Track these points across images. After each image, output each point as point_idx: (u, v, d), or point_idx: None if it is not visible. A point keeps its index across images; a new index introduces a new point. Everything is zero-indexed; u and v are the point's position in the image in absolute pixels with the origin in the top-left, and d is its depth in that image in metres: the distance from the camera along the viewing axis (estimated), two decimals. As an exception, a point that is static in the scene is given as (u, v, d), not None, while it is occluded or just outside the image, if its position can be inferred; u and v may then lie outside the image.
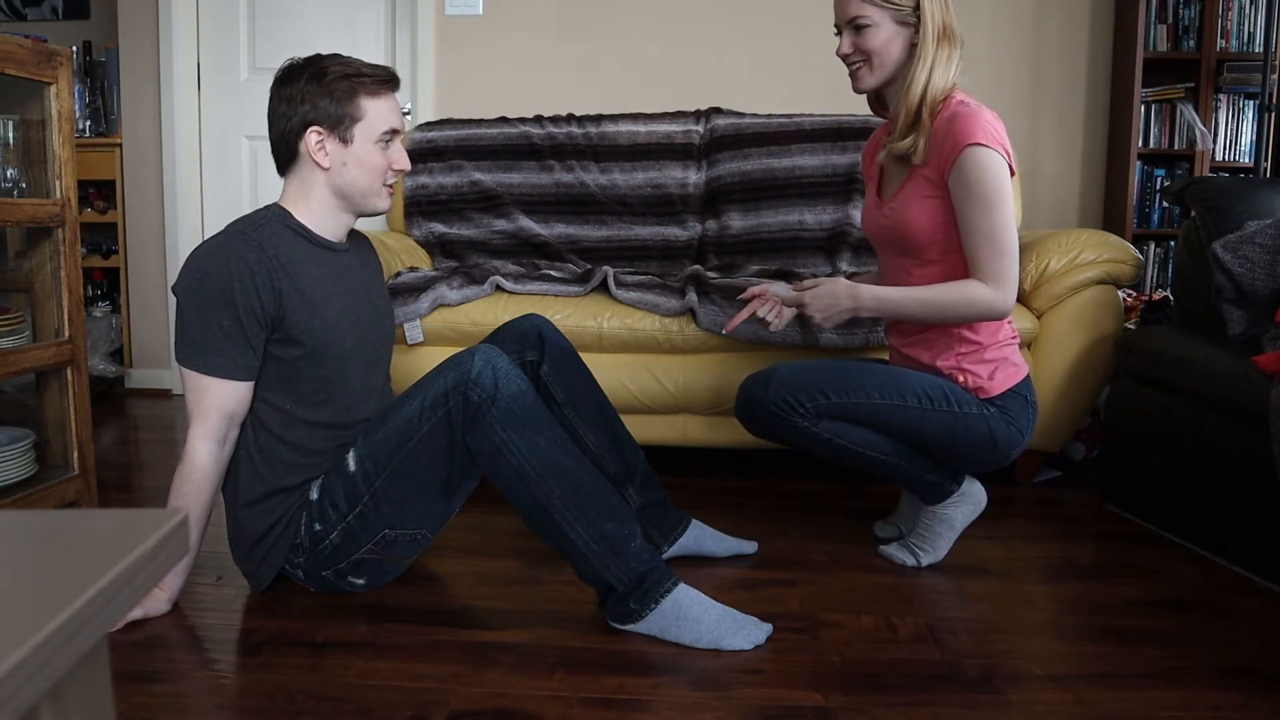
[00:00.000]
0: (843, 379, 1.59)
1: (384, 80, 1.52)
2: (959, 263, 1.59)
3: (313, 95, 1.47)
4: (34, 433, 1.86)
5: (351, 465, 1.47)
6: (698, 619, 1.38)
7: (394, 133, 1.53)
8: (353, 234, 1.65)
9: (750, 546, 1.77)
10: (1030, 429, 1.65)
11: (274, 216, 1.52)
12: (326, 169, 1.51)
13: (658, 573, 1.40)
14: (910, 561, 1.71)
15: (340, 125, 1.49)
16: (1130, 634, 1.44)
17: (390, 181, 1.56)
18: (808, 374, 1.60)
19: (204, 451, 1.45)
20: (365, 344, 1.59)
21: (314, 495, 1.49)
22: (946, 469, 1.69)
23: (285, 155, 1.53)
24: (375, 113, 1.51)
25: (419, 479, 1.45)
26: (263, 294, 1.43)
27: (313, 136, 1.49)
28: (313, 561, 1.50)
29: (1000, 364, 1.63)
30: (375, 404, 1.61)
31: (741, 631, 1.38)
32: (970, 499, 1.72)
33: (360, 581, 1.55)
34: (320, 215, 1.55)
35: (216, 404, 1.45)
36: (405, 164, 1.56)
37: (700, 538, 1.74)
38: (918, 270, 1.65)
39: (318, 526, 1.47)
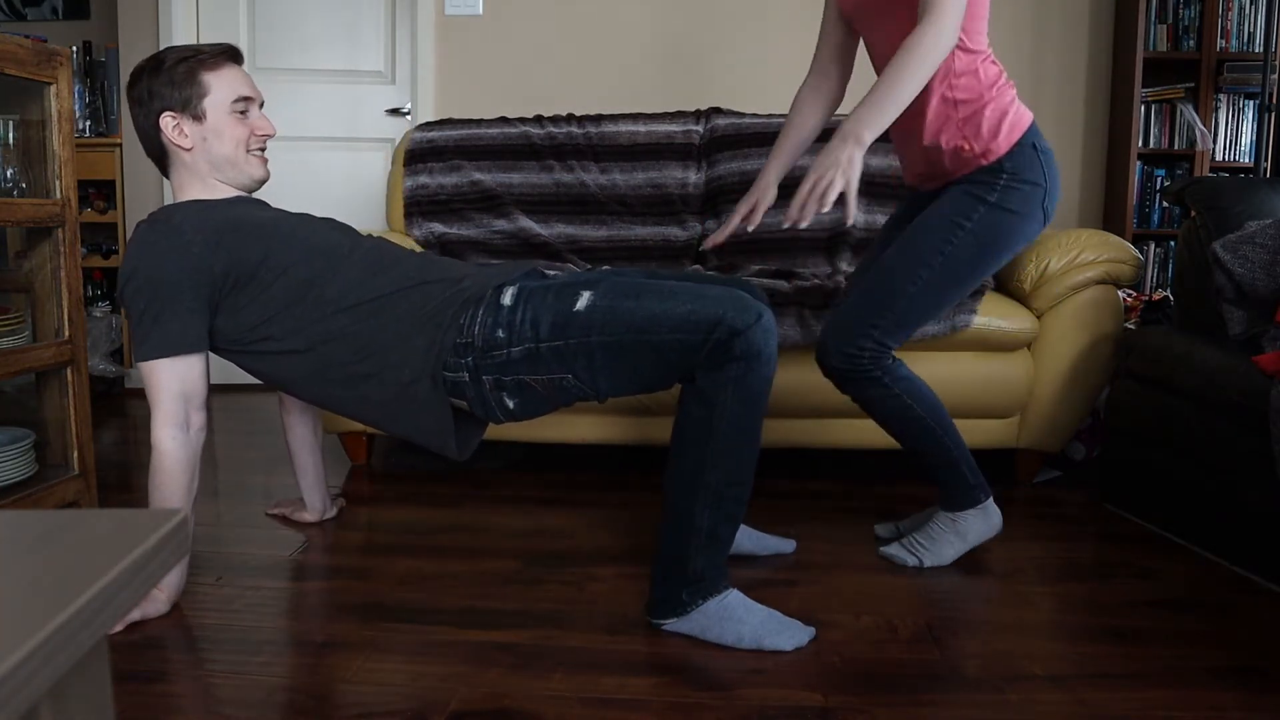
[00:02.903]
0: (875, 293, 1.60)
1: (221, 53, 1.58)
2: None
3: (156, 87, 1.53)
4: (34, 433, 1.86)
5: (580, 304, 1.39)
6: (741, 619, 1.39)
7: (247, 100, 1.59)
8: None
9: (789, 545, 1.78)
10: (1054, 178, 1.60)
11: (170, 207, 1.55)
12: (190, 149, 1.56)
13: (718, 575, 1.42)
14: (911, 562, 1.71)
15: (190, 105, 1.54)
16: (1130, 634, 1.44)
17: (256, 148, 1.61)
18: (852, 312, 1.61)
19: (167, 438, 1.47)
20: (323, 227, 1.58)
21: (506, 301, 1.43)
22: (984, 474, 1.68)
23: (157, 153, 1.59)
24: (219, 84, 1.56)
25: (636, 364, 1.39)
26: (193, 249, 1.45)
27: (168, 121, 1.54)
28: (480, 362, 1.42)
29: (1002, 118, 1.58)
30: (389, 279, 1.51)
31: (785, 633, 1.39)
32: (990, 517, 1.72)
33: (511, 405, 1.46)
34: (211, 193, 1.59)
35: (167, 388, 1.47)
36: (268, 129, 1.61)
37: (739, 539, 1.74)
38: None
39: (500, 333, 1.41)
